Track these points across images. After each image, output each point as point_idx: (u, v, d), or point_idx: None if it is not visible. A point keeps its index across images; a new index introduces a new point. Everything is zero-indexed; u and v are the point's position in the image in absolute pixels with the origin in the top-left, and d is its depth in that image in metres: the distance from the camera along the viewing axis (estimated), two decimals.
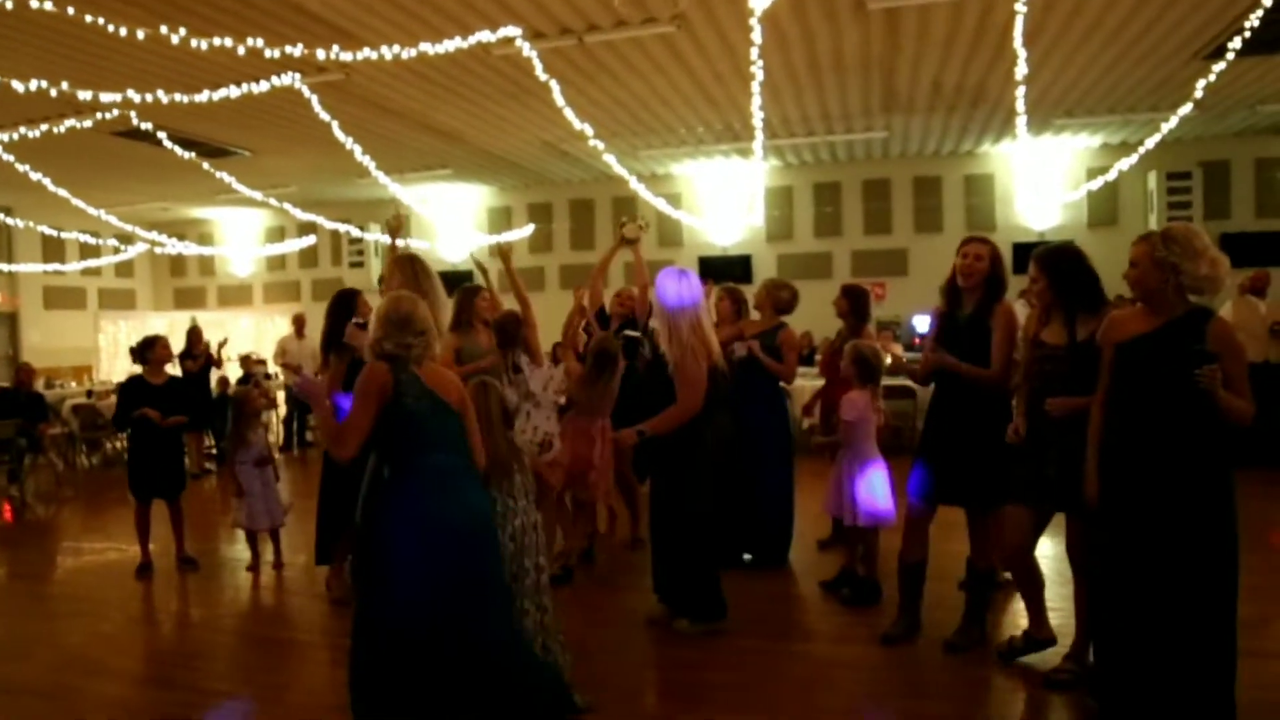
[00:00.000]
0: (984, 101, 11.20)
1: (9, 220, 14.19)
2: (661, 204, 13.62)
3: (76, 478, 10.42)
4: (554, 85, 8.47)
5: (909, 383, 9.37)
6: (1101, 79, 10.29)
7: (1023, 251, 14.42)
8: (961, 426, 4.04)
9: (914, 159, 14.84)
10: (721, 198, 15.41)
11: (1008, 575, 4.73)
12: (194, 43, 6.55)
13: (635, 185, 12.18)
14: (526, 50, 7.72)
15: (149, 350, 6.29)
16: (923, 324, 13.35)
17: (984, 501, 4.06)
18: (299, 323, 13.21)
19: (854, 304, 6.10)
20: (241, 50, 6.71)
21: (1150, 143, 11.17)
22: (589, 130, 9.79)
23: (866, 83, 10.34)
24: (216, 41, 6.59)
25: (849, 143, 13.64)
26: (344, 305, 5.43)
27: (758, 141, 10.16)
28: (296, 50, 6.89)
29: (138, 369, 6.40)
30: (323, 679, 4.04)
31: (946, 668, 3.93)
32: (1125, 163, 11.86)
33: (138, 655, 4.46)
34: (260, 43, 6.71)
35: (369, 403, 3.06)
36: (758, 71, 8.04)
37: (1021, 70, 8.04)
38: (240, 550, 6.71)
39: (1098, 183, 12.85)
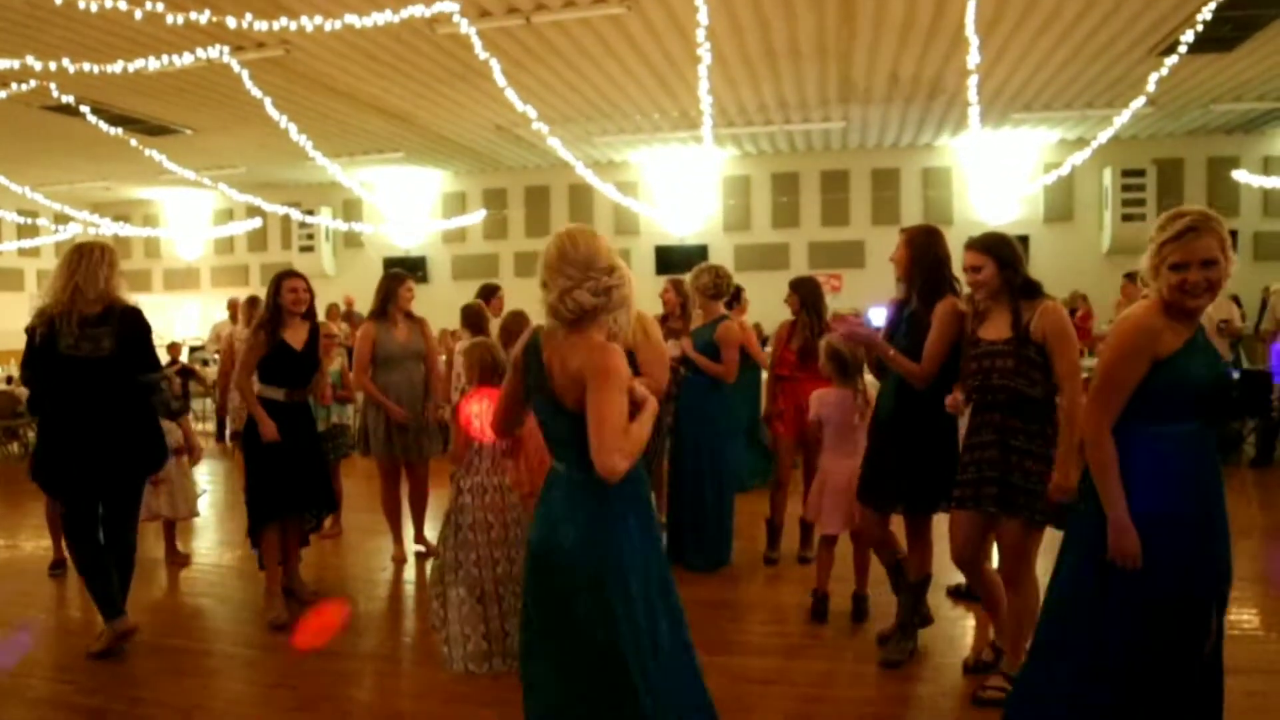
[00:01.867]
0: (941, 93, 11.10)
1: None
2: (614, 192, 13.37)
3: None
4: (494, 65, 8.19)
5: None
6: (1058, 73, 10.22)
7: None
8: (899, 427, 3.86)
9: (872, 150, 14.74)
10: (678, 186, 15.22)
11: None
12: (83, 4, 6.09)
13: (582, 171, 11.92)
14: (465, 28, 7.44)
15: None
16: (879, 317, 13.25)
17: (918, 506, 3.88)
18: (235, 308, 12.80)
19: (805, 298, 5.74)
20: (139, 15, 6.34)
21: (1103, 137, 11.14)
22: (532, 113, 9.53)
23: (823, 71, 10.18)
24: (109, 4, 6.18)
25: (807, 133, 13.51)
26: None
27: (707, 126, 9.95)
28: (203, 17, 6.52)
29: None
30: (219, 688, 3.80)
31: (874, 682, 3.76)
32: (1079, 157, 11.84)
33: (27, 667, 4.15)
34: (160, 7, 6.27)
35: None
36: (705, 54, 7.81)
37: (974, 59, 7.90)
38: (144, 548, 6.42)
39: (1052, 177, 12.84)
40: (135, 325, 4.18)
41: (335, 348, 6.54)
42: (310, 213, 15.77)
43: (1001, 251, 3.53)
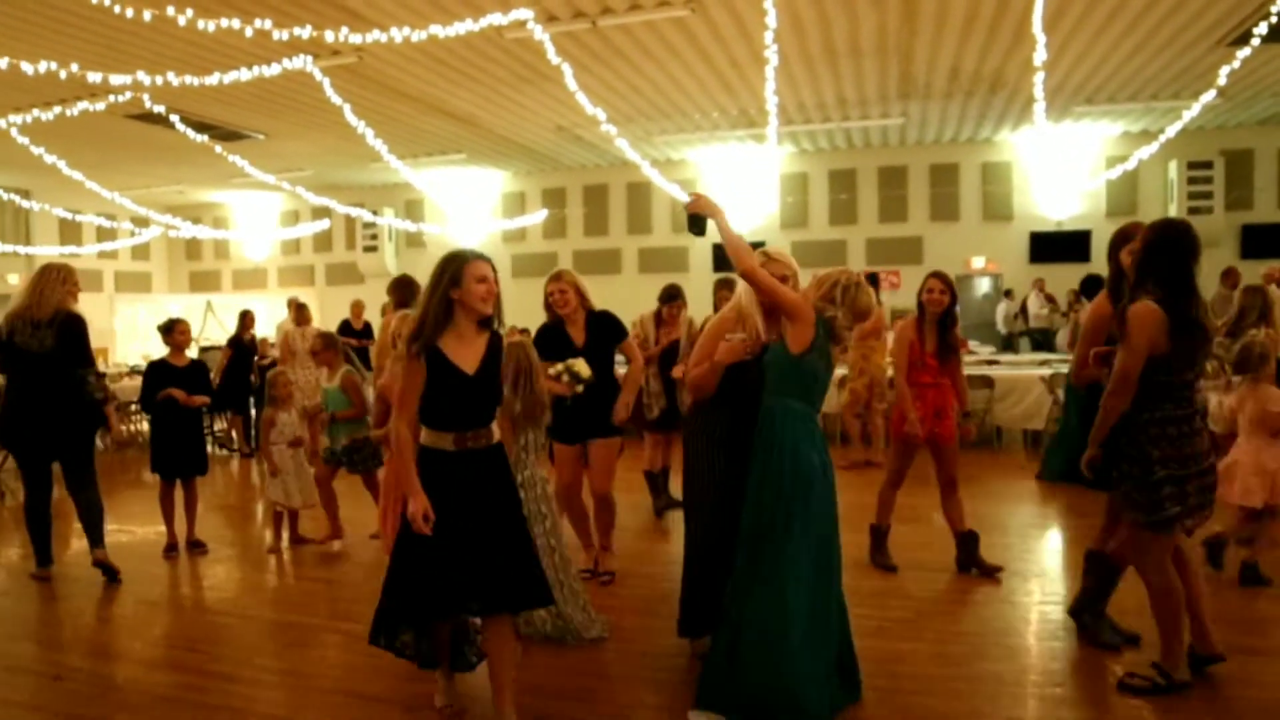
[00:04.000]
0: (1002, 88, 11.07)
1: (26, 203, 14.28)
2: (679, 191, 13.54)
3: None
4: (566, 69, 8.40)
5: (990, 372, 9.26)
6: (1122, 66, 10.15)
7: (1040, 241, 14.33)
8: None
9: (930, 146, 14.70)
10: (736, 183, 15.32)
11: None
12: (200, 24, 6.54)
13: (648, 171, 12.10)
14: (539, 34, 7.66)
15: (168, 333, 6.35)
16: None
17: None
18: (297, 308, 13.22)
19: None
20: (249, 32, 6.69)
21: (1171, 131, 11.01)
22: (602, 116, 9.72)
23: (883, 68, 10.23)
24: (224, 23, 6.57)
25: (865, 129, 13.53)
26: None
27: (772, 126, 10.06)
28: (304, 32, 6.85)
29: (159, 353, 6.50)
30: (328, 662, 4.03)
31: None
32: (1145, 151, 11.71)
33: (145, 638, 4.46)
34: (268, 24, 6.68)
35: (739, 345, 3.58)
36: (772, 56, 7.94)
37: (1040, 56, 7.91)
38: (250, 534, 6.74)
39: (1116, 171, 12.69)
40: (72, 329, 5.23)
41: (336, 359, 6.23)
42: (375, 214, 16.15)
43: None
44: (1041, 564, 5.41)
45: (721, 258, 15.13)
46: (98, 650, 4.33)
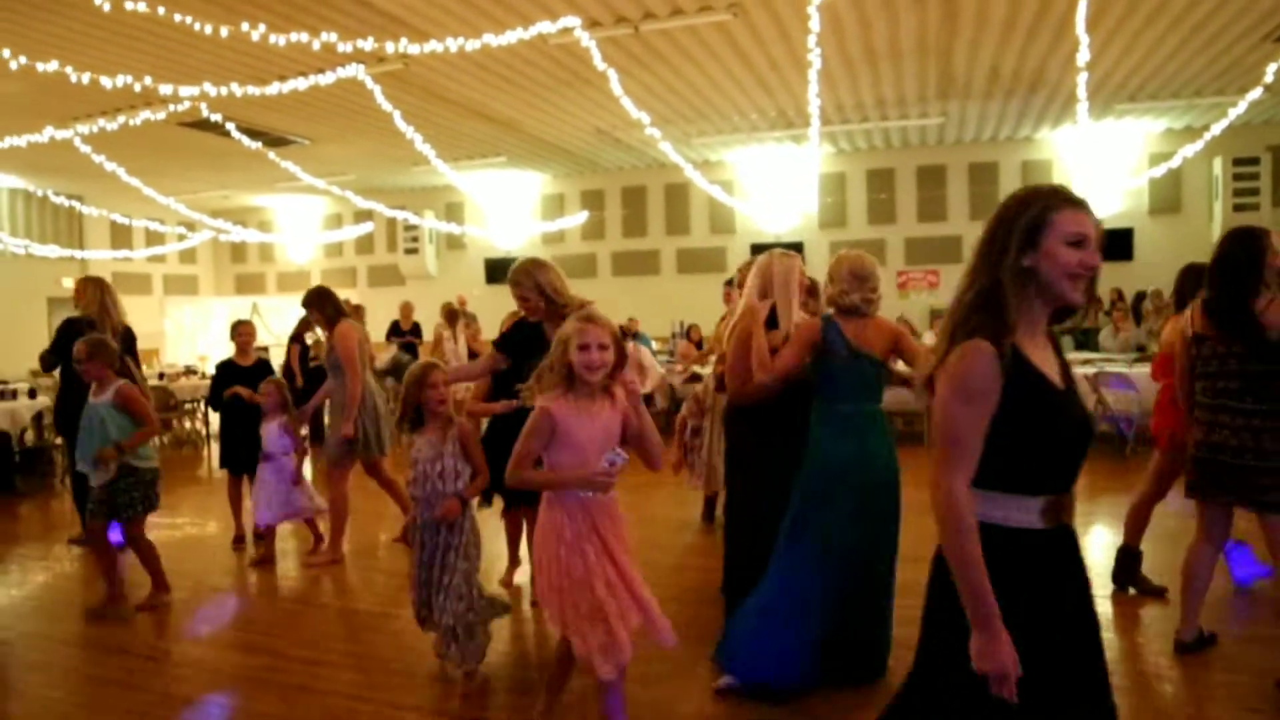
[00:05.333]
0: (1043, 86, 11.07)
1: (81, 208, 14.69)
2: (720, 193, 13.68)
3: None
4: (611, 74, 8.55)
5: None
6: (1166, 63, 10.11)
7: None
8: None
9: (970, 145, 14.70)
10: (774, 184, 15.41)
11: None
12: (272, 38, 6.78)
13: (691, 173, 12.22)
14: (585, 40, 7.82)
15: (233, 334, 6.62)
16: None
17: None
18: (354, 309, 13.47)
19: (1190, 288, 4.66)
20: (317, 45, 6.95)
21: (1217, 128, 10.94)
22: (646, 119, 9.86)
23: (923, 68, 10.28)
24: (294, 37, 6.81)
25: (904, 129, 13.56)
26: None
27: (814, 128, 10.15)
28: (367, 44, 7.09)
29: (209, 354, 6.77)
30: (398, 645, 4.21)
31: None
32: (1190, 149, 11.62)
33: (223, 623, 4.69)
34: (334, 37, 6.92)
35: (803, 349, 3.60)
36: (815, 59, 8.04)
37: (1084, 56, 7.93)
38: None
39: (1161, 169, 12.60)
40: (132, 340, 6.30)
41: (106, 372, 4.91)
42: (417, 215, 16.41)
43: None
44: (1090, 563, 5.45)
45: None
46: (181, 634, 4.56)
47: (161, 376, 11.22)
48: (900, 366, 3.77)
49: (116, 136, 10.25)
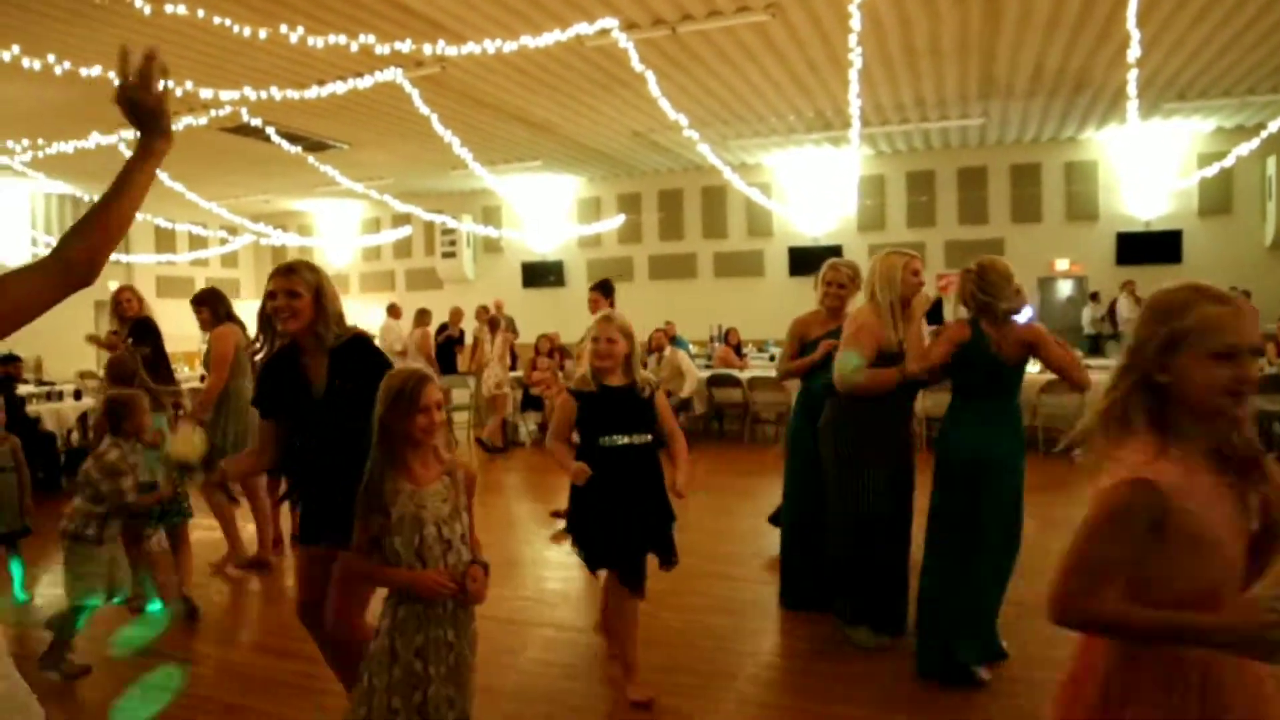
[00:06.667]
0: (1088, 86, 10.86)
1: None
2: (759, 195, 13.59)
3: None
4: (649, 76, 8.52)
5: None
6: (1218, 59, 9.87)
7: (1128, 242, 13.99)
8: None
9: (1011, 146, 14.47)
10: (812, 187, 15.28)
11: None
12: (310, 40, 6.83)
13: (729, 175, 12.16)
14: (623, 42, 7.78)
15: None
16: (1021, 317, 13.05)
17: None
18: (396, 311, 13.58)
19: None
20: (354, 47, 6.99)
21: (1274, 126, 10.65)
22: (684, 120, 9.82)
23: (964, 68, 10.12)
24: (331, 39, 6.86)
25: (944, 130, 13.38)
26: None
27: (854, 130, 10.04)
28: (405, 46, 7.12)
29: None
30: None
31: None
32: (1245, 147, 11.33)
33: (260, 628, 4.70)
34: (372, 39, 6.96)
35: (952, 347, 3.68)
36: (856, 59, 7.94)
37: (1134, 52, 7.75)
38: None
39: (1214, 168, 12.29)
40: None
41: None
42: (455, 219, 16.49)
43: None
44: None
45: (797, 261, 15.17)
46: (220, 637, 4.56)
47: (203, 379, 11.34)
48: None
49: None
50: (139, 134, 1.69)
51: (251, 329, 3.68)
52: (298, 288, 2.99)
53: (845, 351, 3.96)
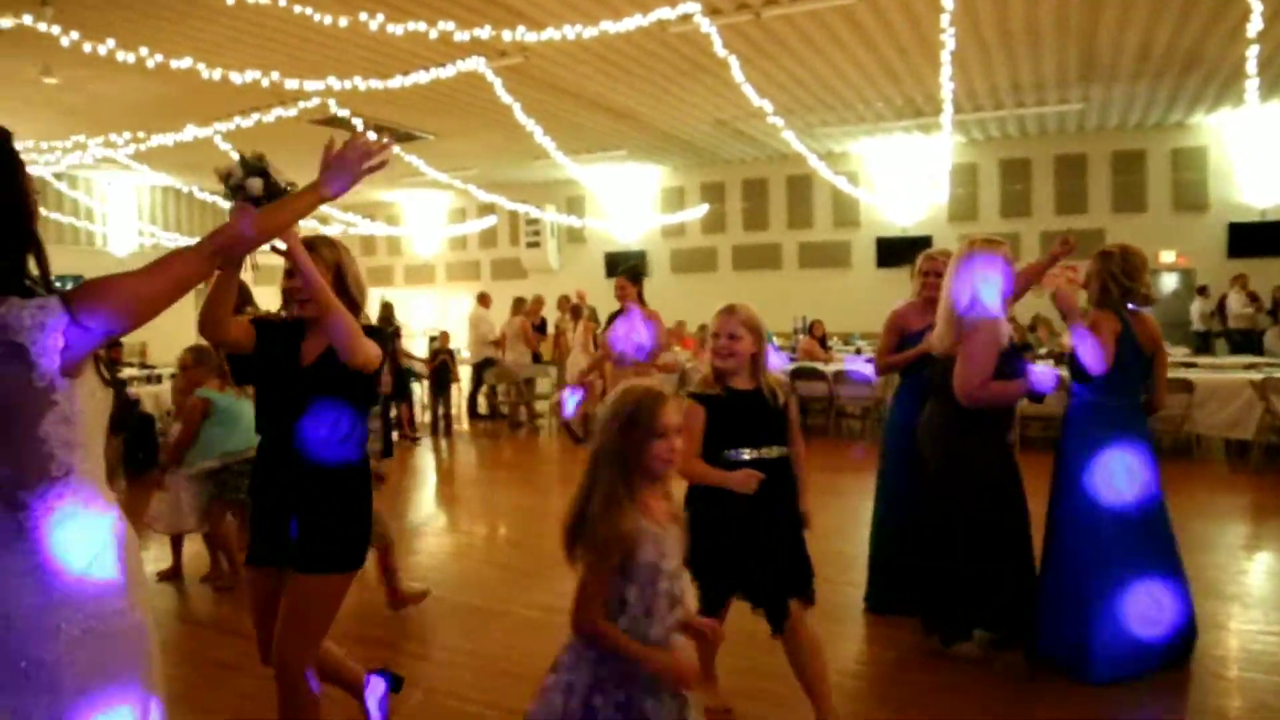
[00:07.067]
0: (1199, 66, 10.27)
1: (223, 203, 15.42)
2: (845, 184, 13.30)
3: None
4: (733, 61, 8.37)
5: (1188, 375, 8.52)
6: None
7: (1241, 232, 13.24)
8: None
9: (1113, 132, 13.83)
10: (901, 175, 14.88)
11: None
12: (390, 28, 6.90)
13: (815, 164, 11.92)
14: (705, 27, 7.65)
15: None
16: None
17: None
18: (486, 300, 13.68)
19: None
20: (433, 34, 7.03)
21: None
22: (769, 107, 9.63)
23: (1063, 50, 9.68)
24: (410, 27, 6.92)
25: (1040, 116, 12.86)
26: None
27: (946, 115, 9.71)
28: (484, 33, 7.12)
29: None
30: (509, 645, 4.15)
31: None
32: None
33: (343, 613, 4.72)
34: (451, 26, 6.99)
35: (1111, 341, 3.55)
36: (948, 42, 7.65)
37: (1255, 26, 7.25)
38: (425, 517, 7.07)
39: None
40: None
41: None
42: (539, 209, 16.57)
43: None
44: (1259, 588, 4.97)
45: (885, 252, 14.80)
46: None
47: None
48: None
49: (252, 134, 10.67)
50: (324, 175, 2.10)
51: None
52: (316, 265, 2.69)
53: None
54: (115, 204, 16.10)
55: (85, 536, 1.69)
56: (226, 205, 2.78)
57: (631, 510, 2.05)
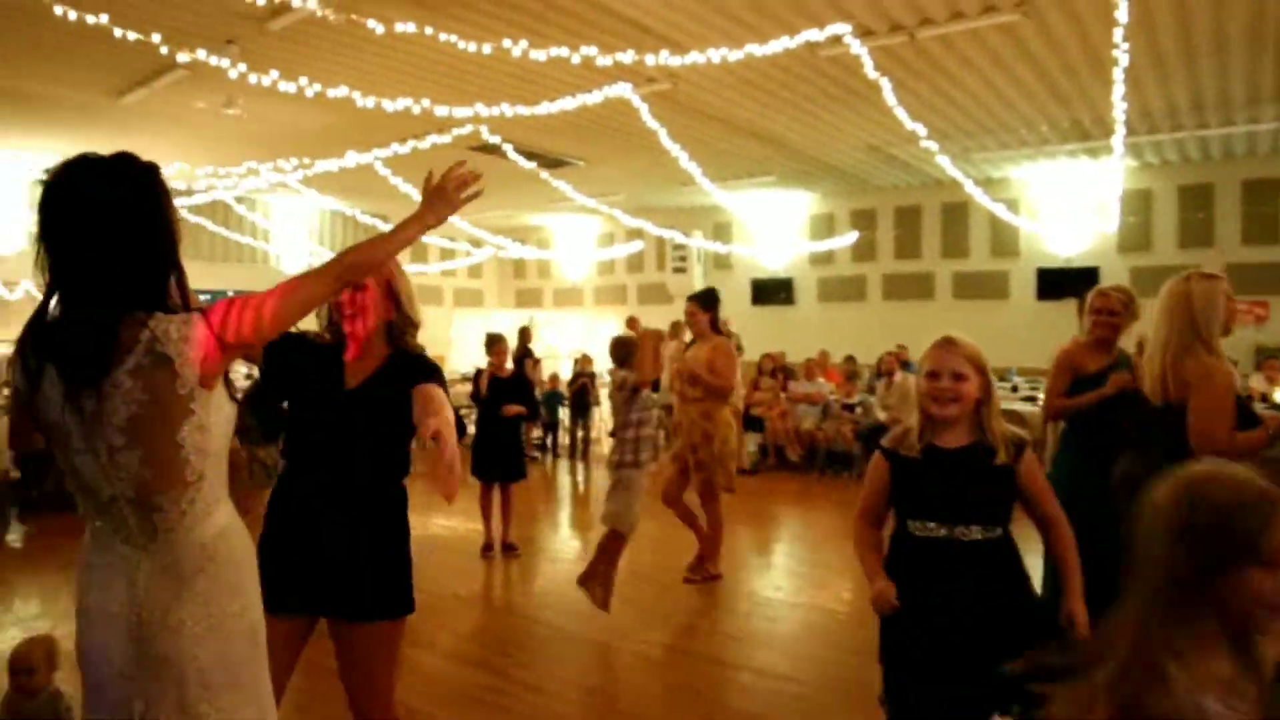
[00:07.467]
0: None
1: (386, 226, 16.17)
2: (1004, 211, 12.67)
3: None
4: (884, 84, 8.09)
5: None
6: None
7: None
8: None
9: None
10: (1064, 203, 14.05)
11: None
12: (532, 54, 6.99)
13: (971, 189, 11.41)
14: (856, 48, 7.42)
15: (488, 349, 6.89)
16: None
17: None
18: (634, 324, 13.74)
19: None
20: (576, 59, 7.08)
21: None
22: (921, 131, 9.26)
23: (1255, 64, 8.87)
24: (553, 52, 6.99)
25: (1226, 137, 11.86)
26: None
27: (1117, 138, 9.08)
28: (627, 57, 7.13)
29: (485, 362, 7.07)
30: (627, 685, 4.03)
31: None
32: None
33: (457, 633, 4.76)
34: (594, 50, 7.03)
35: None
36: (1122, 56, 7.14)
37: None
38: (557, 542, 7.05)
39: None
40: None
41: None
42: (686, 235, 16.56)
43: None
44: None
45: (1047, 283, 14.00)
46: (415, 638, 4.64)
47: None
48: None
49: (409, 160, 11.11)
50: (427, 204, 2.24)
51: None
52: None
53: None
54: (287, 225, 17.11)
55: (212, 544, 1.82)
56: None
57: (1188, 683, 1.27)
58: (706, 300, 6.20)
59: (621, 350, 5.35)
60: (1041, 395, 4.41)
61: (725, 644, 4.55)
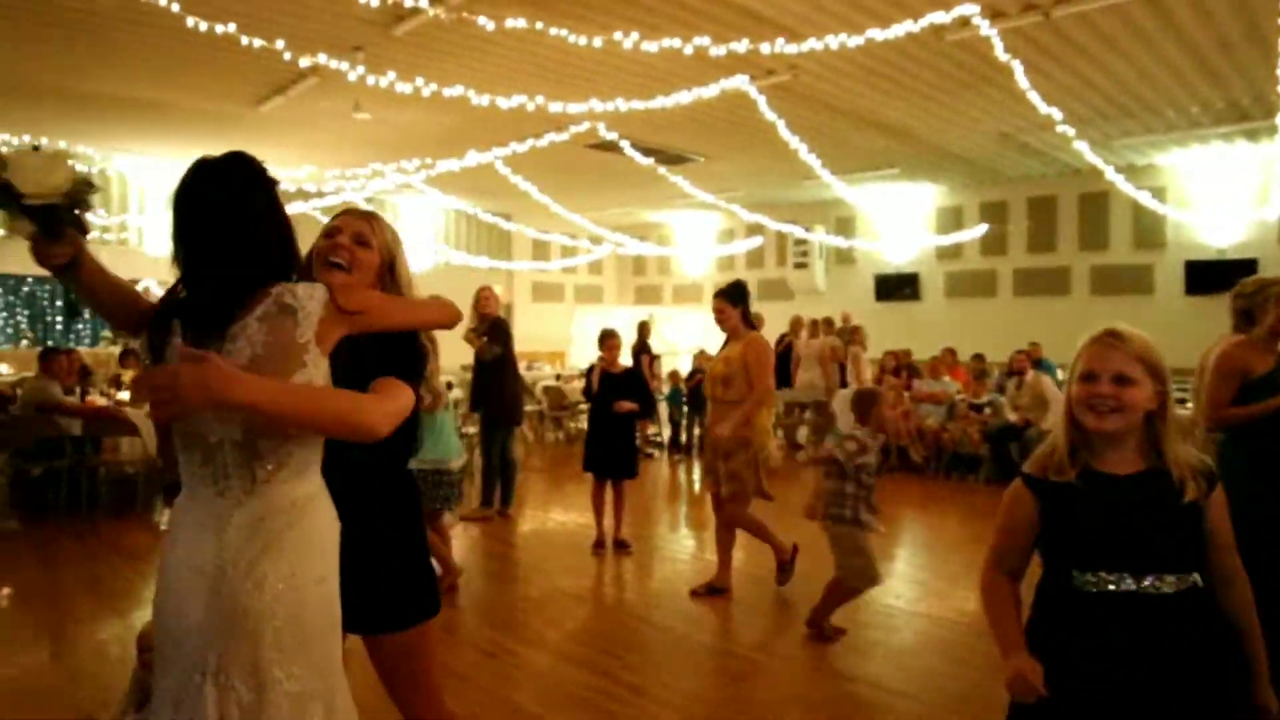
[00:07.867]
0: None
1: (505, 224, 16.53)
2: (1150, 199, 11.92)
3: (544, 450, 11.74)
4: (1016, 66, 7.69)
5: None
6: None
7: None
8: None
9: None
10: (1217, 190, 13.10)
11: None
12: (644, 45, 6.94)
13: (1113, 177, 10.77)
14: (985, 30, 7.06)
15: (602, 344, 6.87)
16: None
17: None
18: (758, 320, 13.60)
19: None
20: (689, 50, 6.98)
21: None
22: (1056, 116, 8.78)
23: None
24: (665, 43, 6.92)
25: None
26: None
27: None
28: (741, 46, 7.00)
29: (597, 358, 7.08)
30: (735, 693, 3.91)
31: None
32: None
33: (565, 630, 4.74)
34: (707, 40, 6.93)
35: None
36: None
37: None
38: (671, 541, 6.98)
39: None
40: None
41: None
42: (808, 230, 16.25)
43: None
44: None
45: (1196, 277, 13.10)
46: (524, 634, 4.66)
47: (558, 378, 12.14)
48: None
49: (528, 158, 11.24)
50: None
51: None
52: (369, 237, 2.34)
53: None
54: (414, 225, 17.64)
55: (303, 502, 1.85)
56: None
57: None
58: (735, 295, 5.72)
59: (864, 405, 4.84)
60: (1190, 400, 4.01)
61: (841, 654, 4.38)
